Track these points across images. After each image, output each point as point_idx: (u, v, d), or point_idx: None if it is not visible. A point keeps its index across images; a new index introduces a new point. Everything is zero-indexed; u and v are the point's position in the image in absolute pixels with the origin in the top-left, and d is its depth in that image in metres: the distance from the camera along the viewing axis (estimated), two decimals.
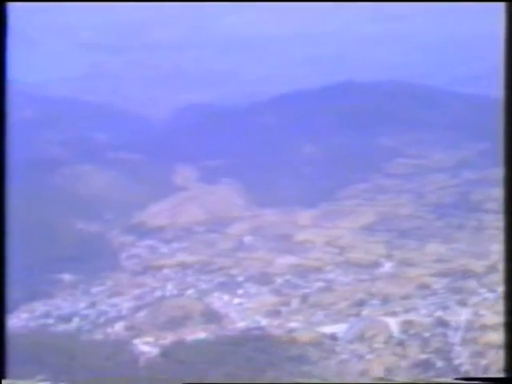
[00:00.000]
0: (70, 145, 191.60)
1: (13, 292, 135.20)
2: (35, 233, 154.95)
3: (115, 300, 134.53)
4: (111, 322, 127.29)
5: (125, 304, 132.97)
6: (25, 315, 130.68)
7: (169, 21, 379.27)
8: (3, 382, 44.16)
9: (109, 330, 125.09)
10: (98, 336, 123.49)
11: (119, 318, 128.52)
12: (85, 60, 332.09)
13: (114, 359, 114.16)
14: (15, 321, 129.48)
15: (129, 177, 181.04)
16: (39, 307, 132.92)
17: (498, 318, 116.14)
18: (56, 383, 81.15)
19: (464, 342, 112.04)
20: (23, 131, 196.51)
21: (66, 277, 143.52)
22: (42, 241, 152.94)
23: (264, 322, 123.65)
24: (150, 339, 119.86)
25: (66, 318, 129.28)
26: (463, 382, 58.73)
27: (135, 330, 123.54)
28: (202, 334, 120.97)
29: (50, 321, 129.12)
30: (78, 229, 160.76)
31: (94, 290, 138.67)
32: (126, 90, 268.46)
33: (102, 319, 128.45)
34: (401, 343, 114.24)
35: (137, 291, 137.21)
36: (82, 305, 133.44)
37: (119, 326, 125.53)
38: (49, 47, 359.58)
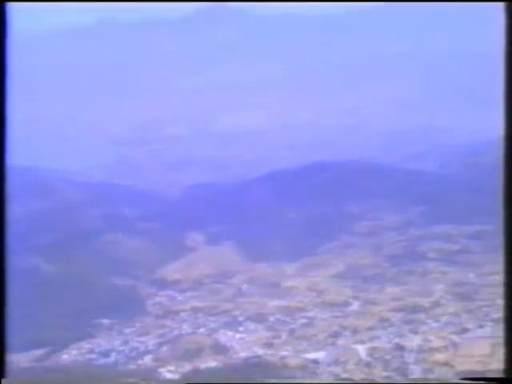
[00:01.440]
0: (106, 218, 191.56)
1: (63, 334, 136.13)
2: (81, 287, 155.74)
3: (143, 338, 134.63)
4: (141, 355, 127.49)
5: (151, 341, 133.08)
6: (74, 352, 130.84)
7: (177, 119, 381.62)
8: (3, 381, 42.38)
9: (139, 361, 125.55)
10: (132, 366, 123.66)
11: (147, 352, 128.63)
12: (113, 151, 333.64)
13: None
14: (66, 356, 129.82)
15: (151, 242, 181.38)
16: (85, 345, 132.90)
17: (443, 342, 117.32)
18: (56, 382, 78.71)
19: (417, 361, 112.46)
20: (70, 209, 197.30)
21: (105, 321, 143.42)
22: (85, 293, 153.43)
23: (261, 351, 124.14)
24: (171, 368, 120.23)
25: (106, 354, 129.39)
26: (463, 382, 62.06)
27: (160, 361, 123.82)
28: (212, 363, 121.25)
29: (93, 356, 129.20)
30: (114, 283, 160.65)
31: (127, 330, 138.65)
32: (147, 174, 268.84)
33: (133, 353, 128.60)
34: (368, 365, 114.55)
35: (160, 331, 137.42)
36: (118, 342, 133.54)
37: (147, 358, 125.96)
38: (83, 142, 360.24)
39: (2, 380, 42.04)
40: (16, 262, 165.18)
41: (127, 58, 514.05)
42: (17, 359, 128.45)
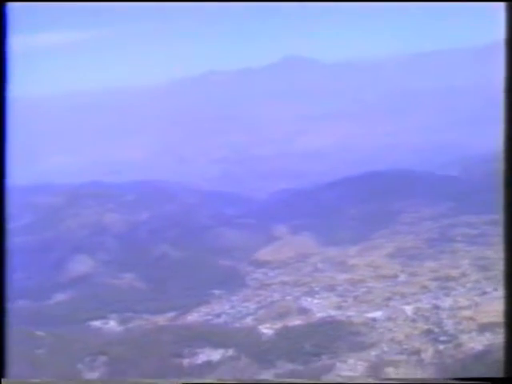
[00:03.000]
0: (214, 216, 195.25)
1: (187, 301, 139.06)
2: (198, 267, 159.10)
3: (245, 304, 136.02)
4: (244, 316, 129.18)
5: (251, 306, 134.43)
6: (195, 314, 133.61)
7: (265, 142, 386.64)
8: (3, 381, 39.41)
9: (242, 321, 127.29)
10: (237, 325, 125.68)
11: (248, 314, 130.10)
12: (217, 168, 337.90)
13: (248, 337, 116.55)
14: (190, 317, 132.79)
15: (248, 233, 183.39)
16: (203, 309, 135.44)
17: (468, 302, 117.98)
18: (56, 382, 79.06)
19: (449, 317, 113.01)
20: (188, 210, 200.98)
21: (216, 292, 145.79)
22: (201, 271, 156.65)
23: (333, 312, 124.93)
24: (267, 325, 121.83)
25: (218, 315, 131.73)
26: (464, 382, 55.19)
27: (258, 321, 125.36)
28: (297, 322, 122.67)
29: (209, 317, 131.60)
30: (221, 264, 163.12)
31: (233, 298, 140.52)
32: (243, 183, 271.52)
33: (238, 315, 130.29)
34: (413, 320, 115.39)
35: (257, 299, 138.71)
36: (226, 307, 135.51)
37: (249, 319, 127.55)
38: (196, 162, 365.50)
39: (2, 380, 39.89)
40: (152, 250, 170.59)
41: (229, 101, 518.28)
42: (156, 319, 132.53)
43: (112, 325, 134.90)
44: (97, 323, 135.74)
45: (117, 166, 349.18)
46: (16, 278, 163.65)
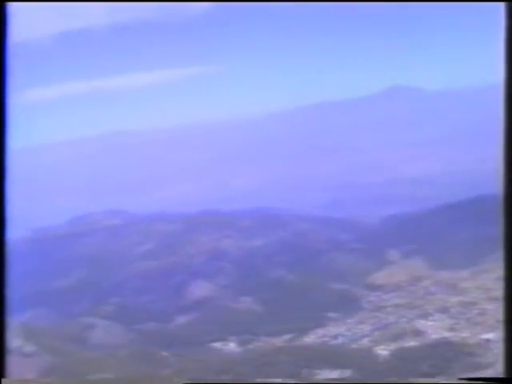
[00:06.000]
0: (328, 241, 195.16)
1: (304, 323, 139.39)
2: (313, 290, 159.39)
3: (361, 326, 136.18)
4: (360, 338, 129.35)
5: (366, 328, 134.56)
6: (312, 336, 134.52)
7: (372, 168, 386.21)
8: (3, 381, 36.57)
9: (359, 342, 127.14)
10: (354, 346, 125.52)
11: (364, 335, 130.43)
12: (326, 195, 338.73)
13: (365, 358, 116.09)
14: (307, 339, 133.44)
15: (361, 257, 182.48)
16: (319, 331, 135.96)
17: None
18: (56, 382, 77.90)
19: None
20: (301, 236, 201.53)
21: (332, 314, 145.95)
22: (316, 295, 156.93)
23: (447, 334, 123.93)
24: (382, 347, 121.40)
25: (335, 337, 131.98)
26: (464, 382, 54.78)
27: (374, 342, 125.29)
28: (412, 343, 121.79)
29: (326, 339, 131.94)
30: (336, 288, 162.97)
31: (348, 321, 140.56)
32: (353, 209, 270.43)
33: (354, 337, 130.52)
34: None
35: (372, 321, 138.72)
36: (343, 329, 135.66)
37: (365, 340, 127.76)
38: (304, 189, 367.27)
39: (2, 380, 37.05)
40: (268, 274, 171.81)
41: (335, 130, 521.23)
42: (274, 341, 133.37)
43: (232, 346, 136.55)
44: (217, 345, 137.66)
45: (230, 195, 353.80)
46: (142, 301, 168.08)
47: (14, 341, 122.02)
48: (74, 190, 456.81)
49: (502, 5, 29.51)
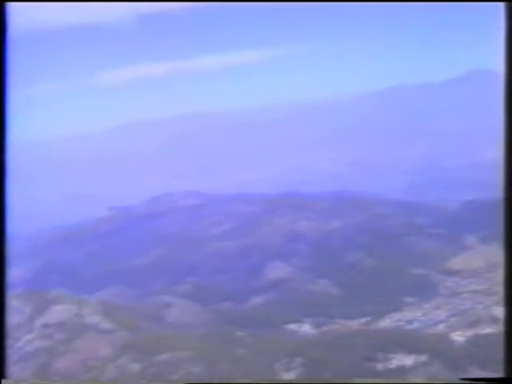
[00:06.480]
0: (406, 225, 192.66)
1: (380, 307, 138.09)
2: (390, 275, 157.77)
3: (437, 312, 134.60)
4: (436, 324, 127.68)
5: (442, 314, 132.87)
6: (387, 320, 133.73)
7: (454, 154, 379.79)
8: (3, 381, 37.80)
9: (434, 328, 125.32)
10: (429, 332, 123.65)
11: (440, 321, 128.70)
12: (406, 178, 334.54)
13: (440, 343, 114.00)
14: (382, 323, 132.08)
15: (439, 242, 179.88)
16: (395, 316, 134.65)
17: None
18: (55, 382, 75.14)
19: None
20: (379, 219, 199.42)
21: (408, 299, 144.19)
22: (393, 279, 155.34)
23: None
24: (458, 333, 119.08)
25: (410, 322, 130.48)
26: (464, 382, 54.21)
27: (450, 328, 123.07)
28: (488, 330, 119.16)
29: (402, 323, 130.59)
30: (413, 272, 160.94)
31: (425, 306, 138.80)
32: (432, 194, 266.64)
33: (430, 322, 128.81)
34: None
35: (449, 307, 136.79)
36: (419, 314, 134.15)
37: (441, 326, 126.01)
38: (387, 172, 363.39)
39: (2, 380, 38.08)
40: (345, 257, 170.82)
41: (416, 114, 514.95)
42: (349, 324, 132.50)
43: (307, 328, 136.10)
44: (292, 326, 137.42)
45: (310, 177, 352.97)
46: (219, 281, 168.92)
47: (92, 317, 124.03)
48: (154, 170, 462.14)
49: (502, 5, 31.01)
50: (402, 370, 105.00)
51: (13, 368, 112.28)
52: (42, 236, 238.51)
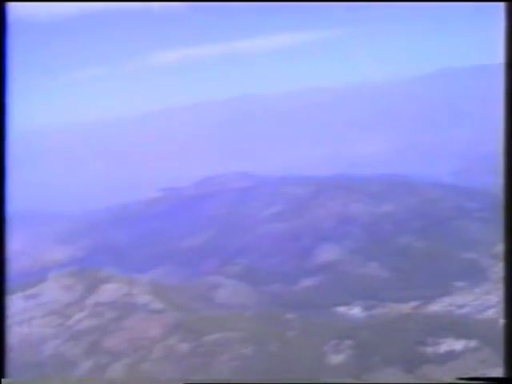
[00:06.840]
0: (456, 209, 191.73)
1: (431, 291, 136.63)
2: (441, 259, 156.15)
3: (487, 297, 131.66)
4: (486, 309, 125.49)
5: (493, 299, 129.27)
6: (438, 304, 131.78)
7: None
8: (3, 381, 37.88)
9: (485, 313, 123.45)
10: (480, 317, 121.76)
11: (490, 306, 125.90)
12: (455, 163, 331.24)
13: (491, 329, 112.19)
14: (433, 307, 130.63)
15: (489, 227, 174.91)
16: (446, 300, 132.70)
17: None
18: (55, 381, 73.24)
19: None
20: (432, 203, 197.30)
21: (459, 283, 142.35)
22: (444, 263, 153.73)
23: None
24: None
25: (461, 306, 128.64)
26: (464, 382, 53.02)
27: (500, 314, 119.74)
28: None
29: (452, 308, 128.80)
30: (463, 256, 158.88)
31: (475, 290, 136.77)
32: (484, 179, 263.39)
33: (481, 307, 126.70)
34: None
35: (499, 292, 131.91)
36: (469, 299, 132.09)
37: (491, 311, 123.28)
38: (433, 156, 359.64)
39: (2, 380, 38.16)
40: (396, 240, 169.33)
41: (462, 98, 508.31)
42: (399, 308, 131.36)
43: (356, 311, 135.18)
44: (342, 309, 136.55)
45: (362, 160, 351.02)
46: (268, 262, 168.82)
47: (142, 297, 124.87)
48: (204, 152, 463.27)
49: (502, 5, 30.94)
50: (451, 355, 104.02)
51: (64, 346, 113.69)
52: (94, 216, 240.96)
